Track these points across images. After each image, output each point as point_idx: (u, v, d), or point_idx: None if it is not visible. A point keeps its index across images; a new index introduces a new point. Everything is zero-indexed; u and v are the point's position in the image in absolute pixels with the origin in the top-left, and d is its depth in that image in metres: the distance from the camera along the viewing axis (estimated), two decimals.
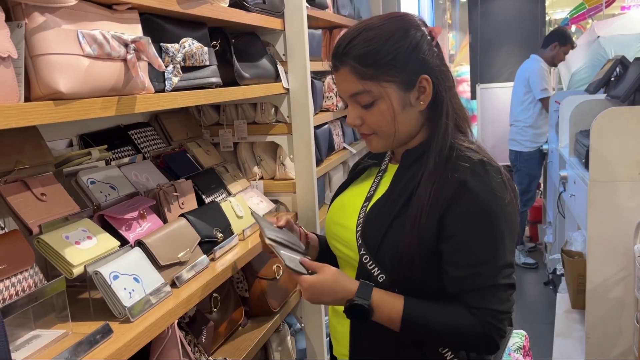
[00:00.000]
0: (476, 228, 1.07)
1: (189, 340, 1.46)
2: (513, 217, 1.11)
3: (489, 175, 1.08)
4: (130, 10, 1.21)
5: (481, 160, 1.10)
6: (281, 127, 2.06)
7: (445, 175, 1.09)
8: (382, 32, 1.11)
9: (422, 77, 1.12)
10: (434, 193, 1.08)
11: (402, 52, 1.10)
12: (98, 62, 1.06)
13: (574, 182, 2.72)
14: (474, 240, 1.07)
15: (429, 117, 1.17)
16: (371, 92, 1.11)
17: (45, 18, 0.96)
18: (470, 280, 1.07)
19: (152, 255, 1.31)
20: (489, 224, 1.07)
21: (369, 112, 1.13)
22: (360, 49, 1.10)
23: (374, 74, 1.10)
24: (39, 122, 0.93)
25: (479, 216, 1.07)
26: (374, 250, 1.13)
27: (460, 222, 1.07)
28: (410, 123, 1.15)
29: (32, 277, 1.12)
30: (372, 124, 1.15)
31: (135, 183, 1.55)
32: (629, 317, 2.27)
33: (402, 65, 1.10)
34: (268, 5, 1.84)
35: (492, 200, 1.07)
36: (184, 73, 1.39)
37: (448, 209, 1.07)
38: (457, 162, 1.09)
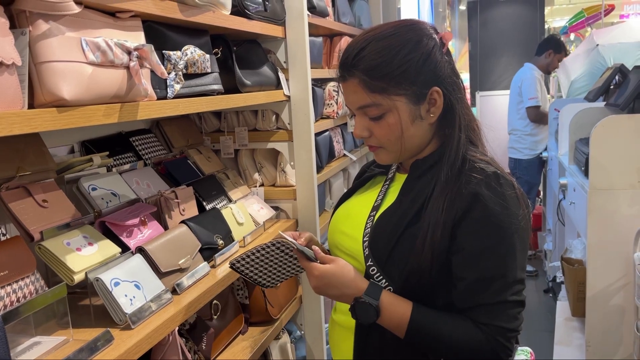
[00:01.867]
0: (487, 242, 1.04)
1: (189, 347, 1.45)
2: (525, 232, 1.08)
3: (503, 189, 1.05)
4: (133, 18, 1.21)
5: (495, 173, 1.07)
6: (282, 134, 2.07)
7: (458, 188, 1.06)
8: (393, 42, 1.07)
9: (433, 90, 1.09)
10: (446, 206, 1.05)
11: (414, 64, 1.06)
12: (101, 69, 1.06)
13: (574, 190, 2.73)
14: (485, 255, 1.04)
15: (440, 128, 1.14)
16: (381, 105, 1.08)
17: (49, 26, 0.97)
18: (479, 295, 1.04)
19: (152, 262, 1.32)
20: (501, 239, 1.04)
21: (377, 124, 1.10)
22: (369, 61, 1.06)
23: (384, 88, 1.07)
24: (43, 129, 0.94)
25: (491, 230, 1.04)
26: (383, 261, 1.10)
27: (471, 235, 1.04)
28: (419, 136, 1.12)
29: (33, 284, 1.12)
30: (380, 137, 1.12)
31: (137, 190, 1.55)
32: (629, 325, 2.26)
33: (413, 78, 1.07)
34: (269, 13, 1.85)
35: (505, 214, 1.04)
36: (185, 80, 1.39)
37: (460, 221, 1.05)
38: (470, 174, 1.06)
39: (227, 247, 1.60)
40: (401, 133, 1.09)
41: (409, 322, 1.05)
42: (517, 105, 4.54)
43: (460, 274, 1.05)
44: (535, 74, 4.47)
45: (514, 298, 1.05)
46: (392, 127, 1.09)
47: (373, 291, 1.07)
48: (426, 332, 1.06)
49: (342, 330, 1.22)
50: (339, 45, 2.64)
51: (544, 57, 4.52)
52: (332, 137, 2.51)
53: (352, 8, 2.90)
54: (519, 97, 4.51)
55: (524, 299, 1.07)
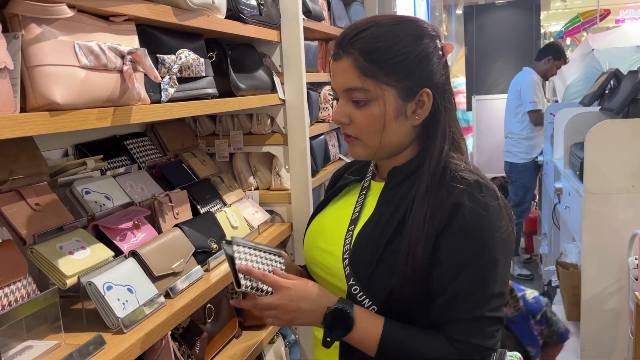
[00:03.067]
0: (467, 254, 0.99)
1: (182, 352, 1.45)
2: (508, 245, 1.02)
3: (485, 199, 1.00)
4: (126, 22, 1.21)
5: (477, 182, 1.02)
6: (277, 138, 2.07)
7: (440, 199, 1.01)
8: (396, 31, 1.03)
9: (424, 91, 1.04)
10: (428, 219, 1.00)
11: (411, 59, 1.03)
12: (94, 73, 1.06)
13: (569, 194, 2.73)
14: (464, 267, 0.99)
15: (422, 134, 1.09)
16: (368, 91, 1.02)
17: (42, 29, 0.97)
18: (455, 310, 0.99)
19: (146, 266, 1.31)
20: (481, 251, 0.99)
21: (360, 112, 1.04)
22: (368, 43, 1.02)
23: (376, 73, 1.02)
24: (35, 133, 0.94)
25: (471, 242, 0.99)
26: (365, 280, 1.03)
27: (451, 247, 0.99)
28: (399, 135, 1.07)
29: (25, 288, 1.11)
30: (360, 127, 1.05)
31: (130, 193, 1.55)
32: (624, 329, 2.27)
33: (407, 72, 1.02)
34: (264, 17, 1.85)
35: (487, 225, 0.99)
36: (180, 84, 1.39)
37: (441, 233, 1.00)
38: (452, 184, 1.02)
39: (221, 251, 1.60)
40: (383, 126, 1.04)
41: (380, 338, 0.99)
42: (515, 109, 4.55)
43: (439, 288, 1.00)
44: (535, 78, 4.49)
45: (491, 314, 0.99)
46: (375, 118, 1.04)
47: (346, 302, 1.01)
48: (398, 349, 0.99)
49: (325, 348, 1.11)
50: None
51: (543, 63, 4.53)
52: (328, 141, 2.52)
53: (347, 12, 2.91)
54: (517, 100, 4.52)
55: (503, 315, 1.01)
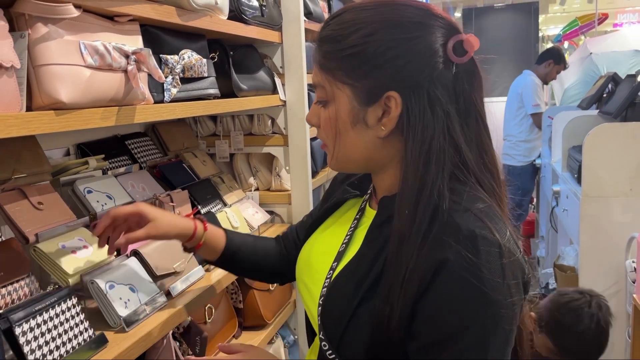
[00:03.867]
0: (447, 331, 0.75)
1: (183, 351, 1.45)
2: (507, 318, 0.75)
3: (480, 256, 0.74)
4: (131, 22, 1.22)
5: (470, 234, 0.75)
6: (277, 139, 2.07)
7: (428, 247, 0.76)
8: (361, 17, 0.82)
9: (389, 94, 0.81)
10: (406, 280, 0.76)
11: (374, 50, 0.80)
12: (99, 72, 1.07)
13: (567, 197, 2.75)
14: (442, 348, 0.75)
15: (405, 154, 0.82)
16: (324, 88, 0.86)
17: (48, 29, 0.98)
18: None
19: (147, 265, 1.32)
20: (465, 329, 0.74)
21: (322, 113, 0.88)
22: (328, 32, 0.85)
23: (330, 67, 0.84)
24: (40, 132, 0.94)
25: (454, 315, 0.75)
26: (336, 339, 0.83)
27: (428, 318, 0.76)
28: (362, 148, 0.85)
29: (28, 286, 1.12)
30: (321, 130, 0.90)
31: (132, 193, 1.55)
32: (621, 332, 2.28)
33: (368, 68, 0.81)
34: (266, 19, 1.86)
35: (475, 296, 0.74)
36: (182, 84, 1.40)
37: (419, 298, 0.76)
38: (441, 232, 0.76)
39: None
40: (337, 132, 0.86)
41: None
42: (516, 112, 4.56)
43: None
44: (536, 81, 4.50)
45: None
46: (328, 121, 0.86)
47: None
48: None
49: None
50: None
51: (543, 67, 4.54)
52: None
53: None
54: (518, 103, 4.53)
55: None
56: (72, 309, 1.08)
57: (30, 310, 1.00)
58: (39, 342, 0.98)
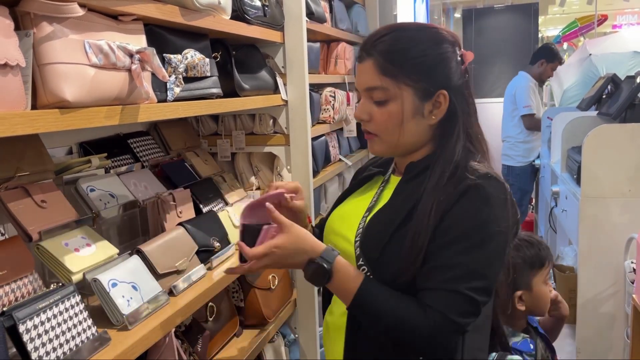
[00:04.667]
0: (458, 231, 1.05)
1: (185, 349, 1.46)
2: (503, 239, 1.07)
3: (491, 189, 1.07)
4: (135, 22, 1.22)
5: (487, 174, 1.09)
6: (279, 138, 2.08)
7: (449, 189, 1.07)
8: (415, 36, 1.13)
9: (441, 92, 1.12)
10: (435, 207, 1.06)
11: (429, 61, 1.11)
12: (103, 71, 1.07)
13: (566, 198, 2.76)
14: (452, 243, 1.04)
15: (438, 134, 1.16)
16: (387, 90, 1.11)
17: (53, 28, 0.98)
18: (434, 278, 1.04)
19: (150, 264, 1.32)
20: (473, 231, 1.04)
21: (379, 110, 1.13)
22: (388, 45, 1.12)
23: (395, 73, 1.10)
24: (45, 130, 0.94)
25: (466, 222, 1.05)
26: (373, 261, 1.11)
27: (447, 225, 1.05)
28: (416, 134, 1.14)
29: (32, 284, 1.12)
30: (379, 124, 1.14)
31: (134, 191, 1.55)
32: (620, 332, 2.29)
33: (424, 73, 1.11)
34: (268, 19, 1.86)
35: (486, 212, 1.05)
36: (185, 83, 1.40)
37: (444, 216, 1.06)
38: (463, 175, 1.08)
39: (224, 250, 1.61)
40: (400, 123, 1.12)
41: (357, 290, 1.06)
42: (512, 113, 4.57)
43: (428, 259, 1.05)
44: (529, 83, 4.50)
45: (469, 292, 1.02)
46: (393, 115, 1.12)
47: (329, 255, 1.08)
48: (370, 303, 1.05)
49: (334, 332, 1.23)
50: (336, 51, 2.67)
51: (537, 66, 4.56)
52: (328, 142, 2.53)
53: (349, 14, 2.93)
54: (512, 104, 4.55)
55: (481, 301, 1.04)
56: (75, 307, 1.09)
57: (33, 308, 1.00)
58: (42, 340, 0.99)
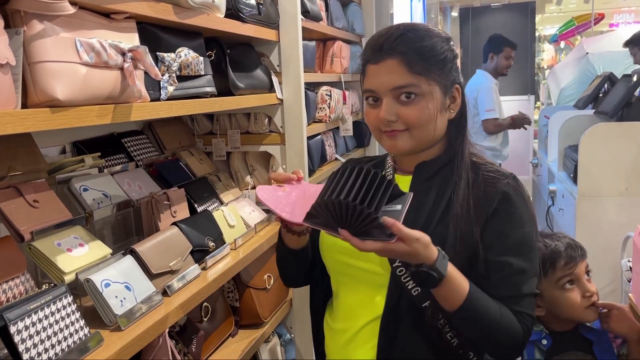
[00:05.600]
0: (516, 238, 1.10)
1: (179, 349, 1.45)
2: (537, 232, 1.16)
3: (522, 189, 1.14)
4: (127, 20, 1.22)
5: (513, 175, 1.15)
6: (274, 137, 2.07)
7: (482, 189, 1.11)
8: (430, 34, 1.13)
9: (455, 87, 1.15)
10: (474, 206, 1.09)
11: (449, 57, 1.13)
12: (95, 70, 1.06)
13: (563, 196, 2.76)
14: (516, 248, 1.10)
15: (450, 129, 1.18)
16: (419, 86, 1.09)
17: (43, 26, 0.97)
18: (515, 285, 1.09)
19: (143, 264, 1.31)
20: (527, 235, 1.11)
21: (409, 107, 1.10)
22: (416, 42, 1.10)
23: (426, 69, 1.09)
24: (36, 129, 0.93)
25: (518, 227, 1.10)
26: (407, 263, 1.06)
27: (501, 231, 1.09)
28: (442, 128, 1.15)
29: (24, 284, 1.11)
30: (412, 120, 1.10)
31: (128, 191, 1.55)
32: None
33: (447, 69, 1.13)
34: (263, 17, 1.85)
35: (528, 213, 1.13)
36: (179, 82, 1.40)
37: (491, 219, 1.09)
38: (490, 175, 1.13)
39: (218, 250, 1.60)
40: (434, 119, 1.12)
41: (467, 294, 1.03)
42: (473, 118, 4.11)
43: (495, 267, 1.09)
44: (491, 84, 4.11)
45: (536, 291, 1.13)
46: (427, 111, 1.10)
47: (442, 263, 0.99)
48: (480, 306, 1.06)
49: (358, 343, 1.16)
50: (332, 50, 2.66)
51: (489, 62, 4.18)
52: (324, 141, 2.52)
53: (345, 13, 2.92)
54: (475, 109, 4.12)
55: None
56: (68, 308, 1.08)
57: (25, 309, 0.99)
58: (34, 341, 0.98)
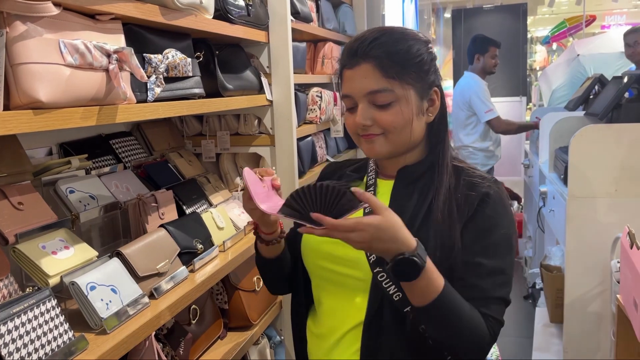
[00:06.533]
0: (492, 240, 1.10)
1: (166, 353, 1.44)
2: (515, 238, 1.17)
3: (503, 194, 1.14)
4: (113, 21, 1.21)
5: (495, 179, 1.15)
6: (264, 139, 2.07)
7: (464, 192, 1.11)
8: (406, 37, 1.12)
9: (434, 90, 1.14)
10: (455, 211, 1.09)
11: (425, 59, 1.12)
12: (79, 71, 1.05)
13: (553, 198, 2.76)
14: (491, 251, 1.09)
15: (430, 133, 1.17)
16: (393, 91, 1.08)
17: (26, 27, 0.96)
18: (484, 288, 1.09)
19: (130, 266, 1.31)
20: (502, 239, 1.11)
21: (384, 112, 1.09)
22: (389, 46, 1.09)
23: (400, 73, 1.09)
24: (18, 131, 0.93)
25: (495, 230, 1.10)
26: None
27: (478, 233, 1.09)
28: (419, 132, 1.14)
29: (7, 287, 1.10)
30: (387, 124, 1.10)
31: (115, 193, 1.53)
32: (606, 332, 2.29)
33: (423, 72, 1.12)
34: (252, 18, 1.85)
35: (507, 217, 1.12)
36: (167, 84, 1.39)
37: (469, 221, 1.09)
38: (472, 179, 1.12)
39: (207, 252, 1.59)
40: (410, 123, 1.11)
41: (441, 291, 1.02)
42: (465, 121, 4.19)
43: (471, 268, 1.09)
44: (482, 85, 4.11)
45: (507, 297, 1.12)
46: (402, 116, 1.10)
47: (422, 250, 0.99)
48: (452, 304, 1.04)
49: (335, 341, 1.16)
50: (323, 51, 2.65)
51: (476, 63, 4.21)
52: (315, 143, 2.52)
53: (336, 14, 2.92)
54: (467, 111, 4.17)
55: None
56: (52, 311, 1.07)
57: (8, 312, 0.98)
58: (17, 345, 0.97)
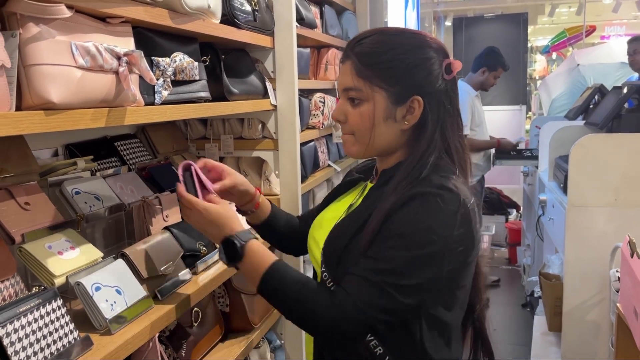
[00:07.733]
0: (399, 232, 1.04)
1: (168, 354, 1.45)
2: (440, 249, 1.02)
3: (441, 199, 1.03)
4: (123, 24, 1.22)
5: (442, 185, 1.05)
6: (267, 143, 2.08)
7: (403, 194, 1.06)
8: (393, 40, 1.13)
9: (415, 98, 1.10)
10: (388, 211, 1.05)
11: (404, 65, 1.10)
12: (90, 73, 1.07)
13: (553, 206, 2.78)
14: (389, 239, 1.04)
15: (411, 140, 1.15)
16: (361, 91, 1.12)
17: (39, 29, 0.97)
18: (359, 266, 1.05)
19: (134, 268, 1.31)
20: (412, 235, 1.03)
21: (354, 110, 1.14)
22: (365, 48, 1.13)
23: (368, 75, 1.11)
24: (30, 132, 0.94)
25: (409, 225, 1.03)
26: (333, 268, 1.12)
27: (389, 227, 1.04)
28: (388, 137, 1.13)
29: (13, 287, 1.11)
30: (353, 125, 1.15)
31: (120, 194, 1.54)
32: (604, 341, 2.30)
33: (398, 78, 1.10)
34: (259, 23, 1.86)
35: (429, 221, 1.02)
36: (173, 87, 1.40)
37: (387, 219, 1.05)
38: (419, 183, 1.07)
39: (210, 254, 1.60)
40: (372, 126, 1.12)
41: (264, 272, 1.09)
42: None
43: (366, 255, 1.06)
44: (469, 99, 3.88)
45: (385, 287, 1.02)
46: (365, 116, 1.12)
47: (244, 235, 1.12)
48: (277, 283, 1.08)
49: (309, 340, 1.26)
50: (326, 57, 2.67)
51: (478, 74, 4.02)
52: (317, 148, 2.53)
53: (340, 21, 2.93)
54: None
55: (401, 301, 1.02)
56: (58, 311, 1.07)
57: (14, 312, 0.99)
58: (23, 344, 0.98)
